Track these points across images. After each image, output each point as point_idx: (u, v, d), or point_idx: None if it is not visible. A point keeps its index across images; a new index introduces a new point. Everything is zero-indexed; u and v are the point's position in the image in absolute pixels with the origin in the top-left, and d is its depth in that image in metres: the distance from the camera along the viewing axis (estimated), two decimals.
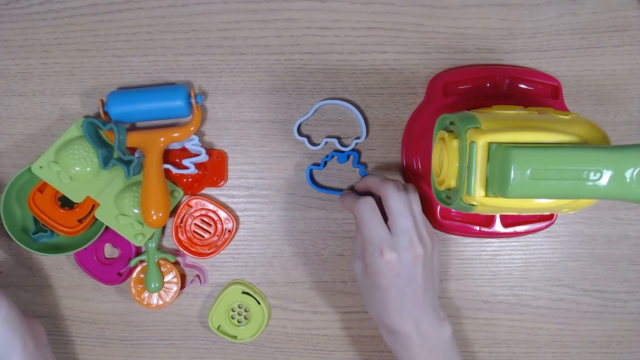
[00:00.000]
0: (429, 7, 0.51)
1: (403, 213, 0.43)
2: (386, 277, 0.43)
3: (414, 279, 0.43)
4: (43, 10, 0.52)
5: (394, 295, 0.43)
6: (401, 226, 0.43)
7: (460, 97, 0.50)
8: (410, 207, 0.44)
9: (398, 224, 0.43)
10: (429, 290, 0.45)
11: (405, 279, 0.43)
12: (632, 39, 0.52)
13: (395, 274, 0.43)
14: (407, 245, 0.43)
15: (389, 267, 0.43)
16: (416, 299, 0.44)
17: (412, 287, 0.43)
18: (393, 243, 0.43)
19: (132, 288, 0.52)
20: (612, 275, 0.54)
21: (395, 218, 0.43)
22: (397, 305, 0.44)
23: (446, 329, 0.45)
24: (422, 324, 0.44)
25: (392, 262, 0.43)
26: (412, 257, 0.43)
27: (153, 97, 0.49)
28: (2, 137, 0.53)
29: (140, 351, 0.54)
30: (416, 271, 0.43)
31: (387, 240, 0.43)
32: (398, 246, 0.43)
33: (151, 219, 0.48)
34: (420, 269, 0.43)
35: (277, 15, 0.52)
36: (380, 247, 0.43)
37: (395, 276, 0.43)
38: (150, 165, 0.48)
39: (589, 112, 0.52)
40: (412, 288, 0.43)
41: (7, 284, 0.53)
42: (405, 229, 0.43)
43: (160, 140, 0.49)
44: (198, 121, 0.50)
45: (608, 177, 0.34)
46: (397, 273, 0.43)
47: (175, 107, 0.49)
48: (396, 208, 0.44)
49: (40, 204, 0.50)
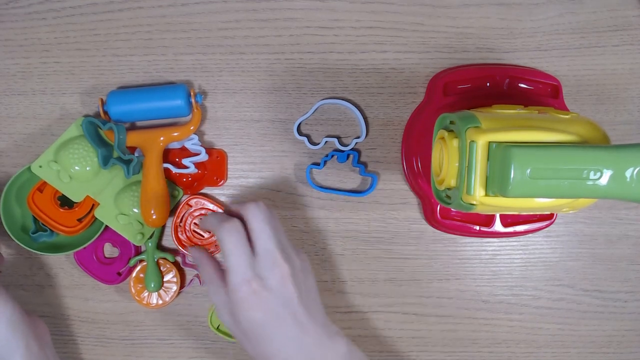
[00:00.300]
0: (429, 6, 0.51)
1: (266, 233, 0.40)
2: (258, 309, 0.39)
3: (289, 302, 0.39)
4: (43, 9, 0.52)
5: (274, 326, 0.39)
6: (263, 246, 0.40)
7: (460, 96, 0.50)
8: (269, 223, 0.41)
9: (261, 244, 0.40)
10: (310, 308, 0.41)
11: (279, 302, 0.39)
12: (632, 39, 0.52)
13: (264, 301, 0.39)
14: (271, 265, 0.39)
15: (257, 295, 0.39)
16: (298, 323, 0.40)
17: (291, 310, 0.39)
18: (256, 267, 0.39)
19: (131, 288, 0.52)
20: (612, 275, 0.54)
21: (257, 238, 0.40)
22: (280, 338, 0.39)
23: (339, 345, 0.41)
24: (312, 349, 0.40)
25: (258, 289, 0.39)
26: (277, 277, 0.39)
27: (153, 96, 0.49)
28: (2, 136, 0.53)
29: (140, 351, 0.54)
30: (288, 292, 0.39)
31: (251, 267, 0.39)
32: (260, 269, 0.39)
33: (151, 219, 0.48)
34: (292, 287, 0.40)
35: (277, 15, 0.52)
36: (244, 276, 0.39)
37: (265, 303, 0.39)
38: (150, 165, 0.48)
39: (589, 112, 0.52)
40: (290, 311, 0.39)
41: (7, 283, 0.53)
42: (267, 249, 0.40)
43: (160, 140, 0.49)
44: (198, 120, 0.50)
45: (608, 176, 0.34)
46: (267, 299, 0.39)
47: (175, 107, 0.49)
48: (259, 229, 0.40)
49: (40, 203, 0.50)
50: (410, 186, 0.52)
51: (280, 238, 0.41)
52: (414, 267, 0.53)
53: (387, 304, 0.53)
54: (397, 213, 0.53)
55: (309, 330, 0.40)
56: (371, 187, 0.52)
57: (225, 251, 0.40)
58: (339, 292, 0.53)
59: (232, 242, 0.40)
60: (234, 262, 0.39)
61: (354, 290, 0.53)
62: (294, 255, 0.42)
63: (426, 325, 0.54)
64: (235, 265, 0.39)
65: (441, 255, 0.53)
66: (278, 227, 0.42)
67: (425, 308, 0.54)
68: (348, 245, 0.53)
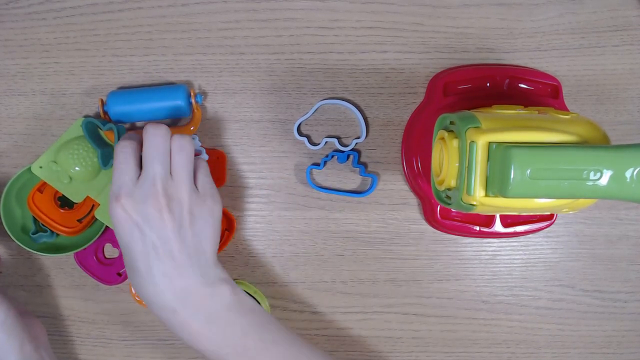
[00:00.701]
0: (429, 6, 0.51)
1: (153, 157, 0.38)
2: (126, 232, 0.37)
3: (162, 235, 0.37)
4: (43, 9, 0.52)
5: (141, 255, 0.37)
6: (147, 171, 0.38)
7: (460, 96, 0.50)
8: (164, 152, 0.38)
9: (145, 169, 0.38)
10: (190, 250, 0.38)
11: (148, 231, 0.37)
12: (632, 39, 0.52)
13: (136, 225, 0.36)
14: (148, 192, 0.37)
15: (126, 216, 0.36)
16: (172, 261, 0.37)
17: (163, 245, 0.37)
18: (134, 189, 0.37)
19: (132, 288, 0.52)
20: (612, 275, 0.54)
21: (144, 164, 0.38)
22: (149, 269, 0.37)
23: (222, 294, 0.39)
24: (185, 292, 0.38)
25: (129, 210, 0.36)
26: (152, 206, 0.37)
27: (153, 96, 0.49)
28: (2, 137, 0.53)
29: (140, 351, 0.54)
30: (162, 224, 0.37)
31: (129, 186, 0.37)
32: (137, 192, 0.37)
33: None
34: (168, 222, 0.37)
35: (277, 15, 0.52)
36: (119, 192, 0.37)
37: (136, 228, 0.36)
38: None
39: (589, 112, 0.52)
40: (162, 245, 0.37)
41: (7, 284, 0.53)
42: (149, 175, 0.37)
43: None
44: (198, 121, 0.50)
45: (608, 177, 0.34)
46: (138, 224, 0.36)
47: (175, 107, 0.49)
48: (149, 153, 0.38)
49: (40, 204, 0.50)
50: (410, 186, 0.52)
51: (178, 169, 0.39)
52: (414, 268, 0.53)
53: (387, 305, 0.53)
54: (397, 213, 0.53)
55: (183, 271, 0.38)
56: (371, 188, 0.52)
57: (114, 166, 0.39)
58: (339, 293, 0.53)
59: (120, 157, 0.38)
60: (115, 176, 0.38)
61: (354, 290, 0.53)
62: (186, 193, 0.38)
63: (426, 326, 0.54)
64: (116, 179, 0.38)
65: (441, 256, 0.53)
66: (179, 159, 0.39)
67: (425, 308, 0.54)
68: (348, 246, 0.53)
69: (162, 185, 0.37)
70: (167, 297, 0.37)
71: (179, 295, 0.38)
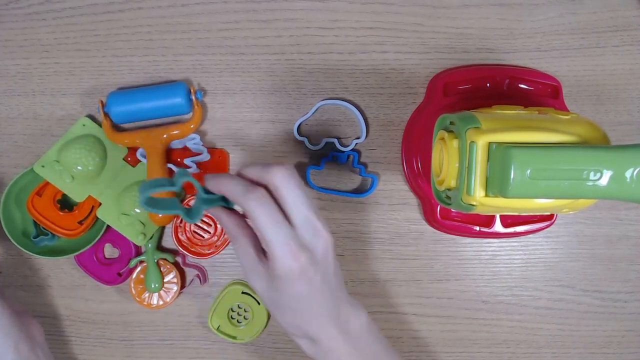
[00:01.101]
0: (429, 7, 0.51)
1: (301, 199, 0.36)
2: (301, 282, 0.37)
3: (328, 274, 0.38)
4: (43, 10, 0.52)
5: (313, 300, 0.38)
6: (303, 214, 0.36)
7: (460, 97, 0.50)
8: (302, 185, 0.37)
9: (299, 212, 0.36)
10: (340, 280, 0.40)
11: (320, 277, 0.37)
12: (632, 39, 0.52)
13: (310, 276, 0.37)
14: (314, 236, 0.37)
15: (303, 269, 0.36)
16: (332, 295, 0.38)
17: (328, 283, 0.38)
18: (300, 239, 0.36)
19: (132, 288, 0.52)
20: (612, 275, 0.54)
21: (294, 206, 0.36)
22: (318, 309, 0.38)
23: (362, 316, 0.40)
24: (342, 320, 0.39)
25: (306, 263, 0.36)
26: (322, 248, 0.37)
27: (153, 95, 0.49)
28: (3, 137, 0.53)
29: (140, 351, 0.54)
30: (328, 264, 0.38)
31: (294, 239, 0.36)
32: (306, 241, 0.36)
33: (157, 217, 0.48)
34: (332, 259, 0.38)
35: (277, 15, 0.52)
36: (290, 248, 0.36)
37: (311, 278, 0.37)
38: (154, 163, 0.48)
39: (589, 112, 0.52)
40: (328, 285, 0.38)
41: (7, 284, 0.53)
42: (307, 217, 0.37)
43: (162, 138, 0.49)
44: (199, 117, 0.50)
45: (608, 177, 0.34)
46: (313, 274, 0.37)
47: (176, 105, 0.49)
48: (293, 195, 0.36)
49: (39, 207, 0.50)
50: (410, 187, 0.52)
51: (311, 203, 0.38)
52: (414, 268, 0.53)
53: (387, 305, 0.53)
54: (397, 213, 0.53)
55: (341, 301, 0.39)
56: (371, 188, 0.52)
57: (261, 225, 0.36)
58: None
59: (266, 215, 0.36)
60: (274, 234, 0.36)
61: (354, 290, 0.53)
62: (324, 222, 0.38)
63: (426, 326, 0.54)
64: (277, 238, 0.36)
65: (441, 256, 0.53)
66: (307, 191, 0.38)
67: (425, 308, 0.54)
68: (348, 246, 0.53)
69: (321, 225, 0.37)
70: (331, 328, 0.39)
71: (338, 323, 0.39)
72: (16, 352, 0.43)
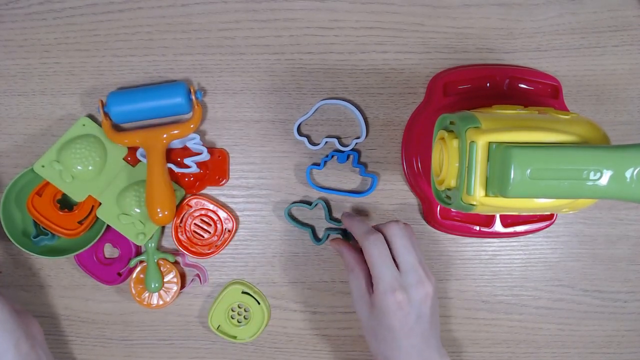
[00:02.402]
0: (429, 7, 0.51)
1: (410, 250, 0.43)
2: (396, 317, 0.42)
3: (422, 317, 0.43)
4: (43, 10, 0.52)
5: (403, 335, 0.42)
6: (410, 263, 0.43)
7: (460, 96, 0.50)
8: (414, 244, 0.44)
9: (407, 260, 0.43)
10: (435, 329, 0.44)
11: (414, 317, 0.42)
12: (632, 39, 0.52)
13: (405, 313, 0.42)
14: (417, 282, 0.43)
15: (400, 306, 0.42)
16: (424, 338, 0.43)
17: (421, 326, 0.43)
18: (403, 281, 0.43)
19: (132, 288, 0.52)
20: (612, 275, 0.54)
21: (403, 255, 0.43)
22: (407, 346, 0.43)
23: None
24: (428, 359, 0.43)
25: (403, 301, 0.42)
26: (422, 294, 0.43)
27: (153, 95, 0.49)
28: (2, 137, 0.53)
29: (140, 351, 0.54)
30: (425, 309, 0.43)
31: (397, 279, 0.43)
32: (407, 284, 0.42)
33: (157, 217, 0.48)
34: (429, 306, 0.43)
35: (277, 15, 0.52)
36: (392, 286, 0.42)
37: (405, 315, 0.42)
38: (154, 163, 0.48)
39: (589, 112, 0.52)
40: (421, 327, 0.43)
41: (7, 284, 0.53)
42: (413, 266, 0.43)
43: (163, 137, 0.49)
44: (199, 117, 0.50)
45: (608, 177, 0.34)
46: (407, 312, 0.42)
47: (176, 105, 0.49)
48: (403, 245, 0.43)
49: (39, 207, 0.50)
50: (410, 186, 0.52)
51: (420, 256, 0.44)
52: None
53: None
54: (397, 213, 0.53)
55: (430, 345, 0.43)
56: (371, 188, 0.52)
57: (373, 261, 0.43)
58: (339, 292, 0.53)
59: (378, 254, 0.43)
60: (382, 272, 0.43)
61: None
62: (430, 275, 0.44)
63: None
64: (384, 275, 0.43)
65: (441, 256, 0.53)
66: (417, 246, 0.45)
67: None
68: None
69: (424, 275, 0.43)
70: None
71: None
72: (17, 350, 0.43)
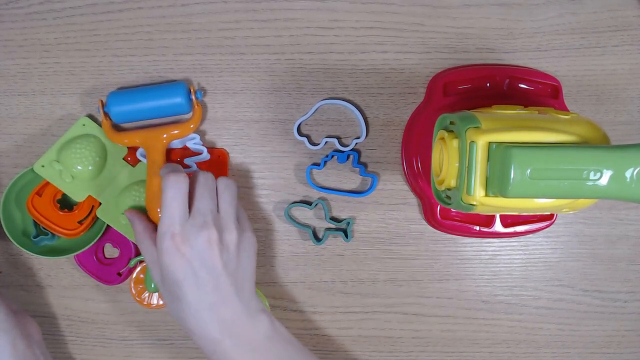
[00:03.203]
0: (429, 6, 0.51)
1: (203, 195, 0.40)
2: (178, 265, 0.38)
3: (212, 267, 0.39)
4: (43, 10, 0.52)
5: (189, 288, 0.39)
6: (198, 207, 0.40)
7: (460, 96, 0.50)
8: (213, 191, 0.41)
9: (196, 205, 0.40)
10: (236, 282, 0.40)
11: (198, 265, 0.39)
12: (632, 39, 0.52)
13: (186, 260, 0.38)
14: (200, 226, 0.39)
15: (180, 253, 0.38)
16: (218, 292, 0.39)
17: (211, 277, 0.39)
18: (186, 225, 0.39)
19: (132, 288, 0.52)
20: (612, 275, 0.54)
21: (196, 200, 0.40)
22: (196, 302, 0.39)
23: (261, 324, 0.41)
24: (230, 322, 0.40)
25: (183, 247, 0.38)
26: (204, 239, 0.39)
27: (152, 95, 0.49)
28: (2, 137, 0.53)
29: (140, 351, 0.54)
30: (212, 257, 0.39)
31: (181, 223, 0.39)
32: (189, 228, 0.39)
33: (158, 217, 0.47)
34: (217, 254, 0.39)
35: (277, 15, 0.52)
36: (172, 229, 0.39)
37: (187, 262, 0.38)
38: (153, 163, 0.48)
39: (589, 112, 0.52)
40: (210, 278, 0.39)
41: (7, 283, 0.53)
42: (201, 210, 0.40)
43: (163, 137, 0.49)
44: (199, 117, 0.50)
45: (608, 177, 0.34)
46: (189, 258, 0.38)
47: (176, 104, 0.49)
48: (200, 193, 0.41)
49: (39, 207, 0.50)
50: (410, 186, 0.52)
51: (224, 207, 0.41)
52: (414, 268, 0.53)
53: (387, 304, 0.53)
54: (397, 213, 0.53)
55: (229, 302, 0.39)
56: (371, 188, 0.52)
57: (163, 200, 0.40)
58: (339, 292, 0.53)
59: (171, 193, 0.40)
60: (166, 212, 0.39)
61: (354, 290, 0.53)
62: (234, 228, 0.41)
63: (426, 326, 0.54)
64: (167, 215, 0.39)
65: (441, 256, 0.53)
66: (225, 197, 0.42)
67: (425, 308, 0.54)
68: (348, 246, 0.53)
69: (213, 221, 0.40)
70: (213, 328, 0.39)
71: (224, 325, 0.39)
72: (13, 348, 0.43)
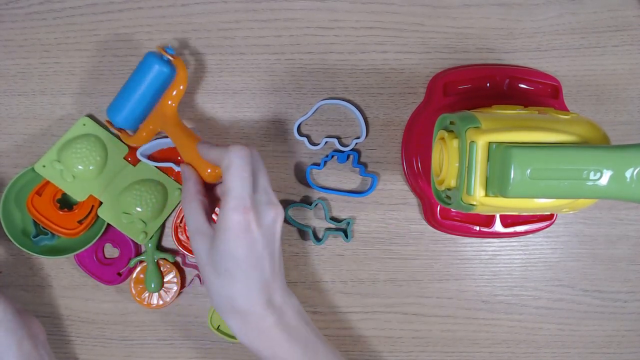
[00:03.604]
0: (429, 6, 0.51)
1: (262, 170, 0.39)
2: (243, 241, 0.36)
3: (272, 247, 0.38)
4: (43, 10, 0.52)
5: (249, 265, 0.37)
6: (261, 183, 0.39)
7: (460, 96, 0.50)
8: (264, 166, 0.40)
9: (259, 183, 0.38)
10: (281, 261, 0.40)
11: (263, 244, 0.37)
12: (632, 39, 0.52)
13: (253, 237, 0.37)
14: (266, 203, 0.38)
15: (248, 228, 0.36)
16: (272, 268, 0.38)
17: (270, 257, 0.38)
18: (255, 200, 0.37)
19: (132, 288, 0.52)
20: (612, 275, 0.54)
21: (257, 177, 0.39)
22: (254, 280, 0.38)
23: (295, 300, 0.41)
24: (275, 298, 0.39)
25: (252, 223, 0.37)
26: (272, 218, 0.38)
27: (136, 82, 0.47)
28: (2, 137, 0.53)
29: (140, 351, 0.54)
30: (275, 237, 0.38)
31: (251, 196, 0.37)
32: (257, 204, 0.37)
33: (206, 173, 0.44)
34: (278, 234, 0.39)
35: (277, 15, 0.52)
36: (245, 202, 0.36)
37: (253, 240, 0.37)
38: (176, 132, 0.46)
39: (589, 112, 0.52)
40: (270, 258, 0.38)
41: (7, 283, 0.53)
42: (264, 187, 0.39)
43: (168, 104, 0.47)
44: (182, 67, 0.46)
45: (608, 177, 0.34)
46: (256, 236, 0.37)
47: (159, 74, 0.46)
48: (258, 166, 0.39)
49: (39, 206, 0.50)
50: (410, 186, 0.52)
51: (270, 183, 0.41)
52: (414, 268, 0.53)
53: (387, 304, 0.53)
54: (397, 213, 0.53)
55: (277, 278, 0.39)
56: (371, 188, 0.52)
57: (231, 174, 0.37)
58: (339, 292, 0.53)
59: (240, 166, 0.37)
60: (237, 182, 0.37)
61: (354, 290, 0.53)
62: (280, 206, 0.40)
63: (426, 326, 0.54)
64: (239, 186, 0.37)
65: (441, 256, 0.53)
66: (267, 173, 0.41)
67: (425, 308, 0.54)
68: (348, 246, 0.53)
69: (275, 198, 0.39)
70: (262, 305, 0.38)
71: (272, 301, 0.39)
72: (19, 349, 0.43)
